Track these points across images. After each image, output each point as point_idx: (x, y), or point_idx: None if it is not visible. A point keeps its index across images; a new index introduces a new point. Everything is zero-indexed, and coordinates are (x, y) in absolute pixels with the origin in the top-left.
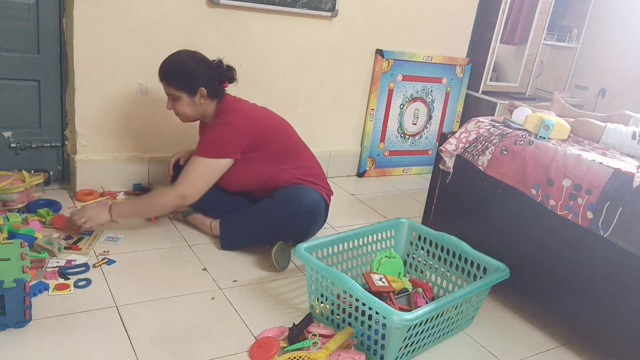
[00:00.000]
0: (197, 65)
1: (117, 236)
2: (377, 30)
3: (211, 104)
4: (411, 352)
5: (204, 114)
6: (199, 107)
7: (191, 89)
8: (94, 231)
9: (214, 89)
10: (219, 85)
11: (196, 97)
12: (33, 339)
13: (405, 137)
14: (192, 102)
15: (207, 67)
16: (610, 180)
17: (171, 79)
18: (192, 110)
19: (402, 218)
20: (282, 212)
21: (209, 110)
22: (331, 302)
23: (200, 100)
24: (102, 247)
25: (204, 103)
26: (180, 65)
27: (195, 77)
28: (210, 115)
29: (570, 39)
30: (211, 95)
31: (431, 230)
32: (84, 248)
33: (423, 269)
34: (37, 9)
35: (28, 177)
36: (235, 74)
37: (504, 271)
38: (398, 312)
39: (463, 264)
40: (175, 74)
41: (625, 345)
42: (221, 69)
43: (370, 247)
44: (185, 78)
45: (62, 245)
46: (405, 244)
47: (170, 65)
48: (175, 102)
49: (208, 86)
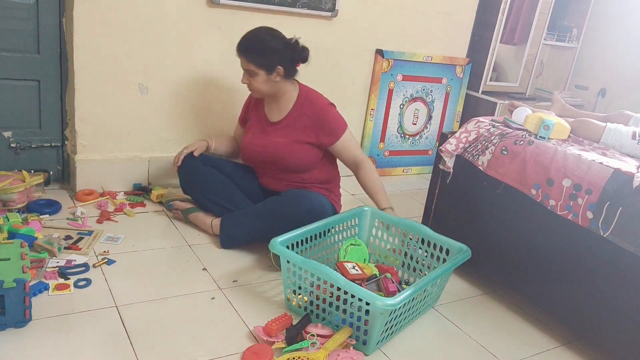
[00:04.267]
0: (278, 44)
1: (117, 236)
2: (377, 30)
3: (285, 83)
4: (390, 334)
5: (277, 92)
6: (274, 85)
7: (270, 66)
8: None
9: (289, 68)
10: (293, 65)
11: (273, 75)
12: (33, 339)
13: (405, 137)
14: (269, 80)
15: (285, 47)
16: (610, 180)
17: (252, 56)
18: (267, 87)
19: (365, 206)
20: (286, 210)
21: (282, 88)
22: (309, 293)
23: (276, 78)
24: (102, 247)
25: (280, 81)
26: (263, 43)
27: (276, 55)
28: (287, 94)
29: (570, 39)
30: (287, 75)
31: (393, 217)
32: (84, 248)
33: (387, 254)
34: (37, 9)
35: (28, 177)
36: (309, 54)
37: (466, 252)
38: (382, 298)
39: (426, 247)
40: (257, 50)
41: (625, 345)
42: (297, 49)
43: (337, 236)
44: (266, 56)
45: (62, 245)
46: (369, 231)
47: (253, 42)
48: (252, 77)
49: (285, 65)
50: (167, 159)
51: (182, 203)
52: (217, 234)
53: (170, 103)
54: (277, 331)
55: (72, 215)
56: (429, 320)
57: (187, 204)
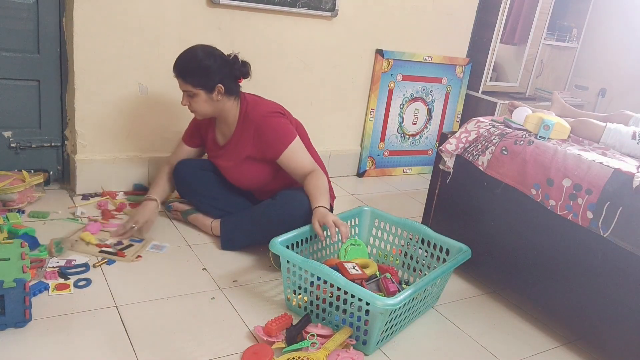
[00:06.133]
0: (214, 62)
1: (163, 244)
2: (377, 30)
3: (228, 101)
4: (390, 334)
5: (220, 111)
6: (216, 104)
7: (208, 86)
8: (143, 239)
9: (230, 86)
10: (234, 82)
11: (213, 94)
12: (33, 339)
13: (405, 137)
14: (209, 99)
15: (223, 63)
16: (610, 180)
17: (188, 76)
18: (209, 107)
19: (365, 206)
20: (284, 213)
21: (226, 107)
22: (309, 293)
23: (217, 97)
24: (146, 255)
25: (221, 100)
26: (197, 62)
27: (212, 74)
28: (230, 113)
29: (570, 39)
30: (228, 92)
31: (393, 217)
32: (128, 255)
33: (387, 254)
34: (37, 9)
35: (28, 177)
36: (250, 69)
37: (466, 252)
38: (382, 298)
39: (426, 247)
40: (192, 70)
41: (625, 345)
42: (237, 65)
43: (337, 236)
44: (202, 75)
45: (64, 248)
46: (369, 231)
47: (187, 62)
48: (192, 99)
49: (225, 83)
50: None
51: (181, 204)
52: (217, 234)
53: (171, 103)
54: (277, 331)
55: (72, 216)
56: (429, 320)
57: (186, 205)
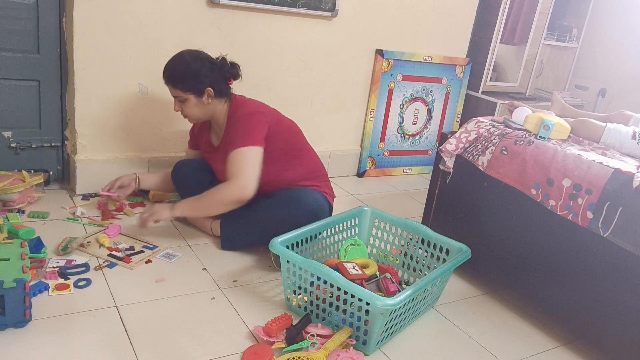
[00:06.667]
0: (202, 66)
1: (175, 254)
2: (377, 30)
3: (219, 103)
4: (390, 334)
5: (212, 114)
6: (207, 108)
7: (198, 90)
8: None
9: (220, 88)
10: (224, 84)
11: (204, 98)
12: (33, 339)
13: (405, 137)
14: (200, 103)
15: (211, 66)
16: (610, 180)
17: (177, 82)
18: (200, 111)
19: (365, 206)
20: (285, 213)
21: (217, 109)
22: (309, 293)
23: (207, 101)
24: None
25: (212, 103)
26: (185, 67)
27: (201, 77)
28: (221, 115)
29: (570, 39)
30: (218, 95)
31: (393, 217)
32: (133, 262)
33: (387, 254)
34: (37, 9)
35: (28, 177)
36: (240, 70)
37: (466, 252)
38: (381, 298)
39: (426, 247)
40: (181, 76)
41: (625, 345)
42: (225, 67)
43: (337, 236)
44: (191, 80)
45: (69, 248)
46: (369, 231)
47: (175, 68)
48: (183, 104)
49: (215, 86)
50: (167, 159)
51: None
52: (217, 234)
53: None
54: (277, 331)
55: (72, 216)
56: (429, 320)
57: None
